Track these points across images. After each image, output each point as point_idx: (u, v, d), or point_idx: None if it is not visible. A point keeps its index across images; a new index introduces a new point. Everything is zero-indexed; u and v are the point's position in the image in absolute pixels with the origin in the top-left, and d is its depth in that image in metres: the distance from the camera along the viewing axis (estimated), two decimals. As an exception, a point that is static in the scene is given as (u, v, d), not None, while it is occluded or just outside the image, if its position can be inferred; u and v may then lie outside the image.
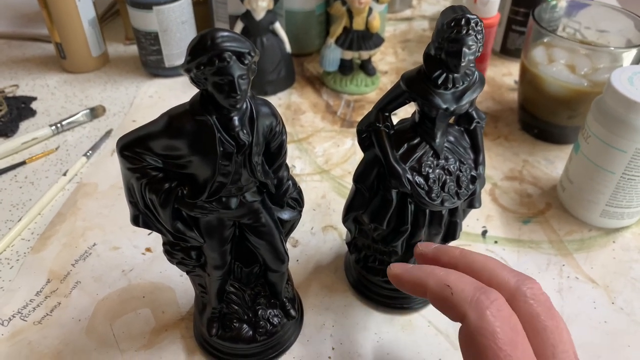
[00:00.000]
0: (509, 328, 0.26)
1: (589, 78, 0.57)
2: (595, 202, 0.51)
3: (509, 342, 0.25)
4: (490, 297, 0.27)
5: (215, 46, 0.26)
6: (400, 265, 0.33)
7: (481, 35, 0.32)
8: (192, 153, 0.29)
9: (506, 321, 0.26)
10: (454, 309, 0.28)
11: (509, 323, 0.26)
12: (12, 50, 0.82)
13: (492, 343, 0.25)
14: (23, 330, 0.43)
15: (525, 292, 0.29)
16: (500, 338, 0.25)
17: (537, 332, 0.28)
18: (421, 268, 0.31)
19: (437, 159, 0.37)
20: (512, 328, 0.26)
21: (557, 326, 0.29)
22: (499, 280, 0.30)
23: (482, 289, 0.28)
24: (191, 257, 0.36)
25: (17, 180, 0.58)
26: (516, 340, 0.26)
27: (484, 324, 0.26)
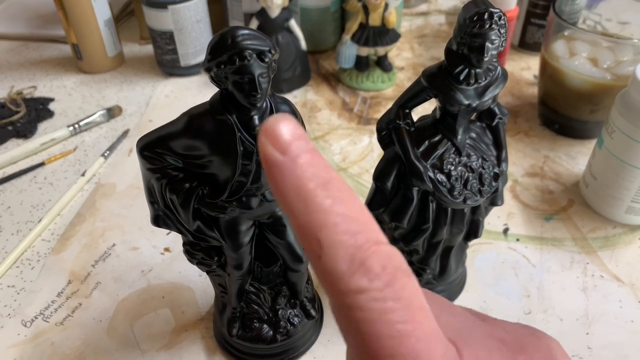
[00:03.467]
0: (403, 308, 0.16)
1: (612, 71, 0.56)
2: (620, 199, 0.50)
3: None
4: (373, 269, 0.16)
5: (235, 45, 0.25)
6: (281, 135, 0.16)
7: (504, 29, 0.31)
8: (213, 153, 0.29)
9: (394, 301, 0.16)
10: (320, 281, 0.17)
11: (401, 300, 0.16)
12: (30, 52, 0.83)
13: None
14: (45, 332, 0.43)
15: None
16: (393, 323, 0.16)
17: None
18: (299, 175, 0.16)
19: (459, 156, 0.36)
20: (407, 306, 0.16)
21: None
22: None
23: (364, 254, 0.16)
24: (211, 257, 0.36)
25: (37, 181, 0.59)
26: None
27: (357, 314, 0.16)
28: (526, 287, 0.46)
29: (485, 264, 0.48)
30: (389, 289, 0.16)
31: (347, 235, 0.16)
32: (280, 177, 0.16)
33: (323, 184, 0.16)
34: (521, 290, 0.46)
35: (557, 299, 0.45)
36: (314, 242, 0.16)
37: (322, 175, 0.16)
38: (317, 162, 0.16)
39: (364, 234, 0.16)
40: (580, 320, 0.44)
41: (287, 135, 0.16)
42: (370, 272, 0.16)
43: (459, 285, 0.46)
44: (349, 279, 0.16)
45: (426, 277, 0.42)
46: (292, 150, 0.16)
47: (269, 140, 0.16)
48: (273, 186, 0.17)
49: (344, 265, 0.16)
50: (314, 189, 0.16)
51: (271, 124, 0.16)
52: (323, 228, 0.16)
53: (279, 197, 0.16)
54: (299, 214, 0.16)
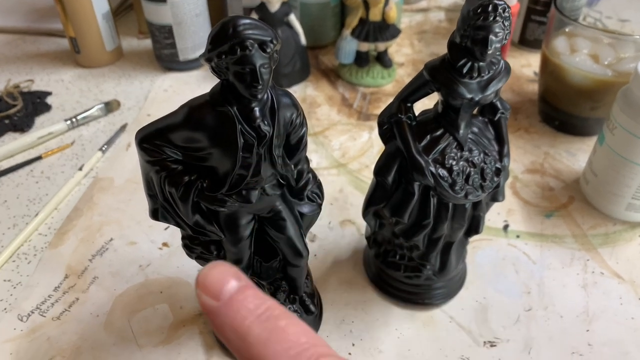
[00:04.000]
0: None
1: (613, 68, 0.56)
2: (621, 195, 0.50)
3: None
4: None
5: (237, 34, 0.25)
6: (214, 284, 0.18)
7: (508, 22, 0.31)
8: (213, 145, 0.29)
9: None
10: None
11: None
12: (27, 46, 0.82)
13: None
14: (42, 326, 0.43)
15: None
16: None
17: None
18: (234, 317, 0.18)
19: (461, 151, 0.36)
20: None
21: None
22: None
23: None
24: (210, 251, 0.35)
25: (34, 175, 0.58)
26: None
27: None
28: (526, 284, 0.46)
29: (485, 261, 0.48)
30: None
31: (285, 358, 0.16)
32: (219, 321, 0.17)
33: (258, 316, 0.17)
34: (521, 287, 0.46)
35: (558, 295, 0.45)
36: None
37: (256, 309, 0.17)
38: (248, 298, 0.17)
39: (304, 354, 0.16)
40: (580, 317, 0.44)
41: (217, 281, 0.17)
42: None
43: (459, 282, 0.46)
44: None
45: (426, 273, 0.42)
46: (223, 294, 0.17)
47: (201, 291, 0.17)
48: (216, 332, 0.17)
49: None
50: (249, 325, 0.17)
51: (202, 274, 0.18)
52: (262, 359, 0.16)
53: (225, 341, 0.18)
54: (241, 351, 0.17)
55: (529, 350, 0.41)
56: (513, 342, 0.42)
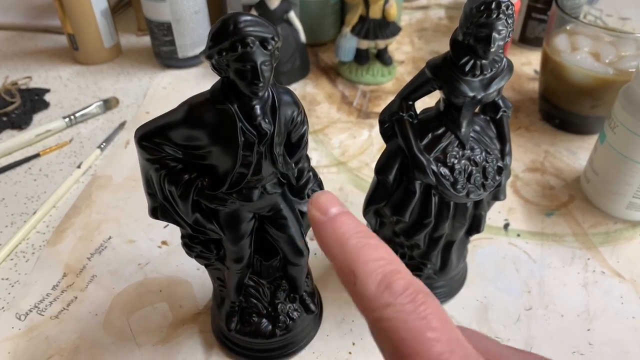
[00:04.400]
0: (422, 317, 0.20)
1: (614, 66, 0.55)
2: (622, 194, 0.50)
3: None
4: (396, 290, 0.20)
5: (238, 31, 0.25)
6: (323, 204, 0.23)
7: (512, 19, 0.31)
8: (213, 143, 0.28)
9: (417, 312, 0.20)
10: (356, 304, 0.21)
11: (422, 312, 0.20)
12: (25, 42, 0.82)
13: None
14: (40, 325, 0.43)
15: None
16: (416, 329, 0.20)
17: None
18: (337, 229, 0.22)
19: (463, 149, 0.36)
20: (427, 316, 0.20)
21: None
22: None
23: (389, 279, 0.20)
24: (210, 250, 0.35)
25: (32, 172, 0.58)
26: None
27: (388, 324, 0.20)
28: (527, 283, 0.46)
29: (485, 260, 0.48)
30: (411, 304, 0.19)
31: (374, 266, 0.20)
32: (324, 231, 0.22)
33: (355, 232, 0.21)
34: (522, 285, 0.46)
35: (558, 294, 0.45)
36: (350, 273, 0.20)
37: (353, 228, 0.22)
38: (349, 220, 0.22)
39: (389, 266, 0.20)
40: (581, 316, 0.43)
41: (327, 203, 0.23)
42: (394, 291, 0.20)
43: (460, 281, 0.45)
44: (378, 298, 0.20)
45: (427, 272, 0.42)
46: (330, 212, 0.22)
47: (313, 207, 0.23)
48: (318, 239, 0.22)
49: (373, 288, 0.20)
50: (348, 237, 0.21)
51: (316, 195, 0.23)
52: (356, 262, 0.20)
53: (323, 246, 0.22)
54: (337, 255, 0.21)
55: (529, 349, 0.41)
56: (513, 341, 0.42)
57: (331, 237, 0.22)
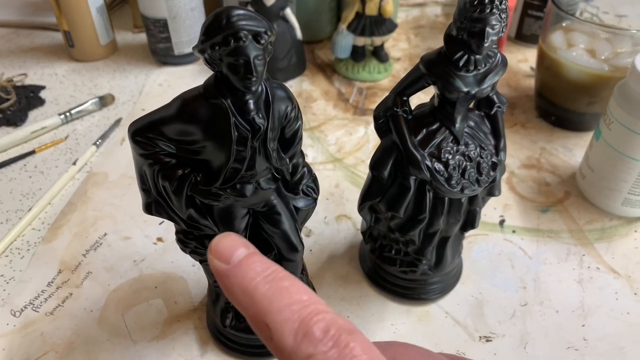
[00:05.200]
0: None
1: (610, 62, 0.55)
2: (617, 190, 0.50)
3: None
4: (315, 336, 0.18)
5: (230, 25, 0.25)
6: (224, 251, 0.21)
7: (505, 14, 0.31)
8: (206, 138, 0.28)
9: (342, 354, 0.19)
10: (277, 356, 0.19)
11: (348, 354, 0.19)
12: (20, 39, 0.81)
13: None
14: (35, 322, 0.42)
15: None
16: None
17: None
18: (242, 278, 0.20)
19: (457, 145, 0.36)
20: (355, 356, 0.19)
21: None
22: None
23: (305, 327, 0.19)
24: (205, 245, 0.35)
25: (27, 169, 0.58)
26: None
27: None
28: (522, 279, 0.46)
29: (481, 256, 0.48)
30: (334, 349, 0.18)
31: (289, 313, 0.18)
32: (228, 282, 0.19)
33: (264, 277, 0.19)
34: (517, 282, 0.46)
35: (553, 290, 0.45)
36: (264, 327, 0.18)
37: (262, 271, 0.19)
38: (257, 262, 0.20)
39: (305, 310, 0.18)
40: (576, 312, 0.43)
41: (229, 248, 0.20)
42: (314, 338, 0.18)
43: (455, 277, 0.45)
44: (297, 350, 0.18)
45: (422, 268, 0.42)
46: (233, 259, 0.20)
47: (213, 255, 0.20)
48: (224, 290, 0.20)
49: (290, 339, 0.18)
50: (255, 284, 0.19)
51: (214, 241, 0.20)
52: (268, 313, 0.18)
53: (232, 300, 0.20)
54: (248, 308, 0.19)
55: (524, 345, 0.41)
56: (509, 337, 0.42)
57: (237, 287, 0.19)
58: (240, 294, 0.19)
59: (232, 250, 0.20)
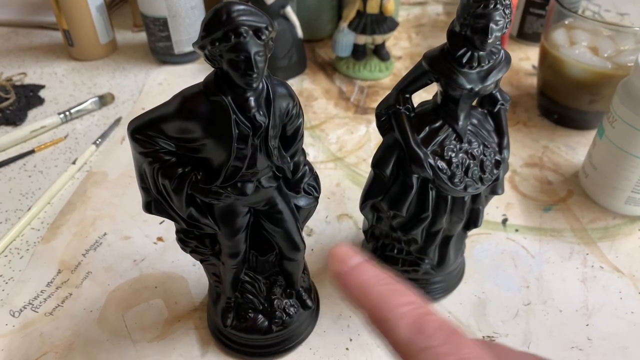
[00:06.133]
0: (457, 354, 0.21)
1: (613, 60, 0.55)
2: (621, 189, 0.49)
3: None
4: (427, 331, 0.21)
5: (230, 20, 0.24)
6: (341, 257, 0.24)
7: (509, 10, 0.30)
8: (207, 136, 0.28)
9: (451, 350, 0.21)
10: (393, 352, 0.22)
11: (454, 348, 0.21)
12: (20, 38, 0.81)
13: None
14: (34, 322, 0.42)
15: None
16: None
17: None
18: (358, 279, 0.23)
19: (460, 143, 0.35)
20: (459, 351, 0.21)
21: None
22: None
23: (419, 323, 0.21)
24: (205, 245, 0.35)
25: (26, 169, 0.57)
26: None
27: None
28: (525, 278, 0.46)
29: (484, 255, 0.48)
30: (446, 345, 0.20)
31: (404, 310, 0.21)
32: (347, 281, 0.22)
33: (378, 280, 0.22)
34: (520, 281, 0.45)
35: (557, 290, 0.45)
36: (381, 321, 0.21)
37: (376, 275, 0.22)
38: (372, 268, 0.22)
39: (419, 309, 0.21)
40: (579, 311, 0.43)
41: (346, 254, 0.23)
42: (428, 334, 0.20)
43: (458, 276, 0.45)
44: (412, 342, 0.20)
45: (424, 267, 0.41)
46: (350, 263, 0.23)
47: (333, 260, 0.23)
48: (343, 291, 0.23)
49: (406, 332, 0.20)
50: (373, 283, 0.22)
51: (333, 250, 0.23)
52: (385, 309, 0.21)
53: (349, 297, 0.22)
54: (366, 303, 0.22)
55: (528, 344, 0.41)
56: (512, 336, 0.41)
57: (356, 287, 0.22)
58: (358, 293, 0.22)
59: (349, 256, 0.23)
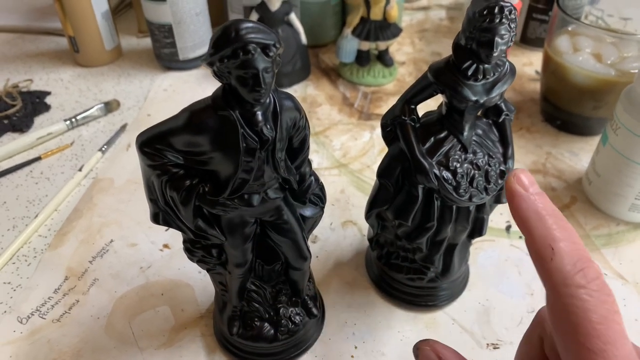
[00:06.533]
0: (607, 309, 0.23)
1: (617, 67, 0.55)
2: (624, 196, 0.50)
3: (603, 321, 0.22)
4: (589, 276, 0.23)
5: (239, 38, 0.25)
6: (525, 181, 0.26)
7: (514, 24, 0.31)
8: (214, 149, 0.28)
9: (603, 302, 0.23)
10: (546, 277, 0.24)
11: (607, 304, 0.23)
12: (26, 45, 0.82)
13: (584, 321, 0.23)
14: (42, 329, 0.43)
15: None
16: (602, 318, 0.22)
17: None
18: (538, 205, 0.25)
19: (465, 153, 0.36)
20: (610, 309, 0.23)
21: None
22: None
23: (583, 264, 0.23)
24: (212, 255, 0.35)
25: (33, 175, 0.58)
26: (610, 319, 0.23)
27: (578, 302, 0.23)
28: (529, 285, 0.46)
29: (488, 262, 0.48)
30: (600, 292, 0.22)
31: (571, 248, 0.23)
32: (524, 204, 0.24)
33: (552, 212, 0.24)
34: (524, 288, 0.46)
35: (561, 297, 0.45)
36: (547, 249, 0.23)
37: (551, 208, 0.24)
38: (548, 201, 0.25)
39: (583, 253, 0.23)
40: (583, 319, 0.43)
41: (529, 181, 0.25)
42: (588, 277, 0.22)
43: (462, 284, 0.45)
44: (573, 277, 0.22)
45: (429, 275, 0.42)
46: (530, 190, 0.25)
47: (515, 181, 0.25)
48: (515, 211, 0.25)
49: (569, 267, 0.22)
50: (546, 214, 0.24)
51: (518, 171, 0.26)
52: (555, 240, 0.23)
53: (520, 218, 0.24)
54: (536, 228, 0.24)
55: (532, 352, 0.41)
56: (516, 344, 0.41)
57: (531, 211, 0.24)
58: (533, 216, 0.24)
59: (531, 184, 0.25)
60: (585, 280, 0.22)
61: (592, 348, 0.22)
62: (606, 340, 0.22)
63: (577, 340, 0.22)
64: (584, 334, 0.22)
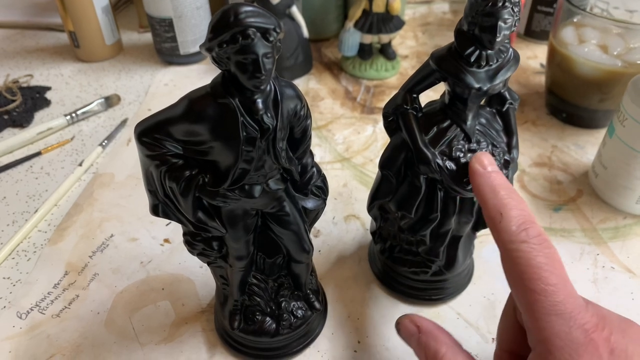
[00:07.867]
0: (546, 257, 0.27)
1: (623, 58, 0.54)
2: (631, 189, 0.49)
3: (548, 266, 0.27)
4: (530, 233, 0.28)
5: (238, 22, 0.24)
6: (484, 161, 0.31)
7: (518, 7, 0.30)
8: (214, 138, 0.28)
9: (543, 252, 0.27)
10: (496, 237, 0.29)
11: (547, 254, 0.27)
12: (26, 40, 0.81)
13: (530, 269, 0.27)
14: (42, 324, 0.42)
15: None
16: (541, 263, 0.27)
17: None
18: (493, 180, 0.30)
19: (469, 143, 0.35)
20: (549, 257, 0.27)
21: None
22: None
23: (526, 225, 0.28)
24: (212, 247, 0.34)
25: (33, 171, 0.57)
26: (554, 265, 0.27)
27: (521, 254, 0.27)
28: (535, 279, 0.45)
29: (492, 256, 0.47)
30: (541, 246, 0.27)
31: (517, 213, 0.28)
32: (482, 180, 0.30)
33: (504, 187, 0.30)
34: (530, 282, 0.45)
35: (567, 291, 0.44)
36: (497, 214, 0.29)
37: (504, 183, 0.30)
38: (501, 177, 0.30)
39: (528, 217, 0.28)
40: (590, 312, 0.43)
41: (487, 161, 0.31)
42: (530, 234, 0.27)
43: (467, 277, 0.45)
44: (517, 235, 0.27)
45: (433, 269, 0.41)
46: (488, 168, 0.31)
47: (476, 161, 0.31)
48: (475, 186, 0.31)
49: (514, 227, 0.28)
50: (499, 188, 0.30)
51: (479, 154, 0.32)
52: (503, 207, 0.29)
53: (478, 192, 0.30)
54: (490, 199, 0.29)
55: (538, 346, 0.40)
56: (522, 338, 0.41)
57: (487, 185, 0.30)
58: (488, 190, 0.30)
59: (489, 164, 0.31)
60: (528, 237, 0.27)
61: (535, 289, 0.26)
62: (547, 282, 0.26)
63: (523, 285, 0.27)
64: (527, 278, 0.26)
